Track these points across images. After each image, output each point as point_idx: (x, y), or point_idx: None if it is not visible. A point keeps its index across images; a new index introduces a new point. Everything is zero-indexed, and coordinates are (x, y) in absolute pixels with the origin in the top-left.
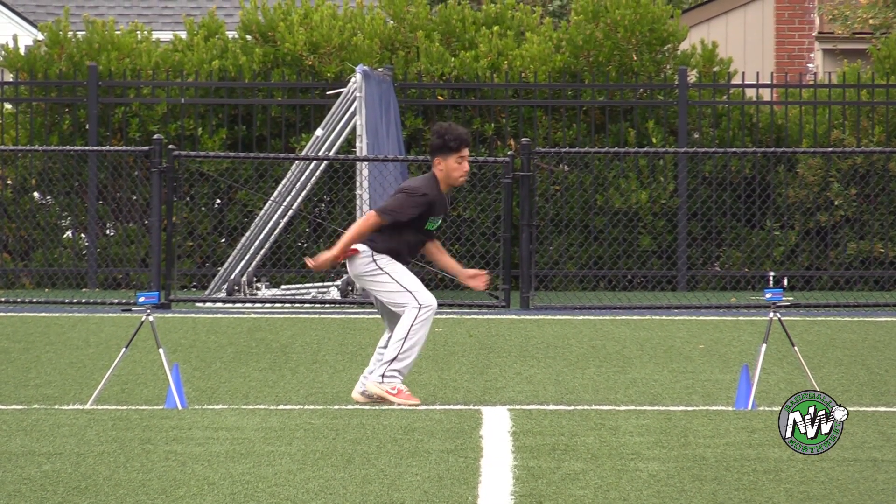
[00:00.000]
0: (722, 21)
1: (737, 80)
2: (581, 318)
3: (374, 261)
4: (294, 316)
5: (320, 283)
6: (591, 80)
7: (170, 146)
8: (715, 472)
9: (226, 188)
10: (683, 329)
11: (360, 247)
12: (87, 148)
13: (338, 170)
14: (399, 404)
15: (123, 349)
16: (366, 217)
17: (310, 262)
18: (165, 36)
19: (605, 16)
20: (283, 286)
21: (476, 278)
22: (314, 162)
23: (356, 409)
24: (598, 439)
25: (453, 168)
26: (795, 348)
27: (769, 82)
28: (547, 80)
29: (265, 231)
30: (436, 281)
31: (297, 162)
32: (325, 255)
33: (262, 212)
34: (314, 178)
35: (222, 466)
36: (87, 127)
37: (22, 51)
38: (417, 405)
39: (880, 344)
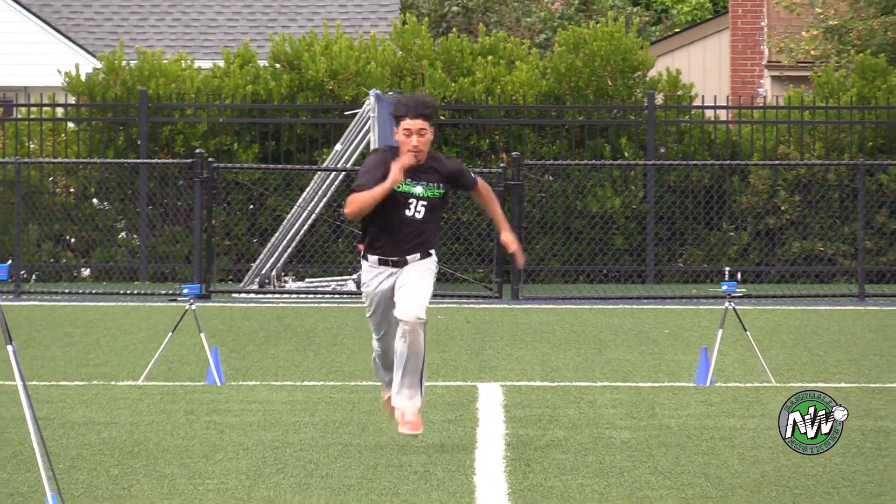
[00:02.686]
0: (685, 52)
1: (697, 103)
2: (563, 307)
3: (365, 266)
4: (316, 305)
5: (339, 277)
6: (572, 102)
7: (209, 159)
8: (678, 439)
9: (258, 195)
10: (651, 316)
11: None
12: (138, 161)
13: (354, 180)
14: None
15: (170, 333)
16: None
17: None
18: (206, 64)
19: (584, 47)
20: (306, 279)
21: (515, 248)
22: (334, 172)
23: (370, 385)
24: (577, 411)
25: (400, 140)
26: (747, 333)
27: (725, 104)
28: (534, 102)
29: (291, 232)
30: (437, 274)
31: (319, 172)
32: None
33: (289, 215)
34: (334, 186)
35: (255, 434)
36: (138, 143)
37: (83, 77)
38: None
39: (820, 329)
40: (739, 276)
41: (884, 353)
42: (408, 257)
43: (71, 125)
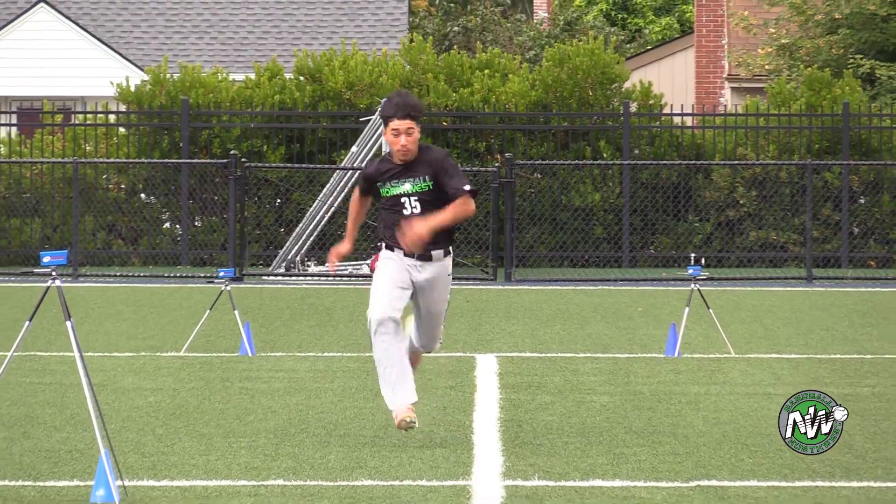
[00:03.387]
0: (655, 66)
1: (667, 111)
2: (550, 288)
3: (388, 254)
4: (335, 286)
5: (355, 262)
6: (558, 109)
7: (242, 159)
8: (650, 403)
9: (284, 191)
10: (626, 296)
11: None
12: (180, 161)
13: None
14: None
15: (208, 311)
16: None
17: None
18: (239, 77)
19: (568, 62)
20: (326, 264)
21: (415, 229)
22: (350, 171)
23: None
24: (562, 378)
25: (389, 140)
26: (710, 311)
27: (691, 112)
28: (525, 109)
29: (314, 223)
30: None
31: (337, 171)
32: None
33: (311, 208)
34: (350, 183)
35: (282, 399)
36: (180, 145)
37: (132, 88)
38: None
39: (774, 307)
40: (703, 261)
41: (829, 328)
42: (432, 252)
43: (122, 130)
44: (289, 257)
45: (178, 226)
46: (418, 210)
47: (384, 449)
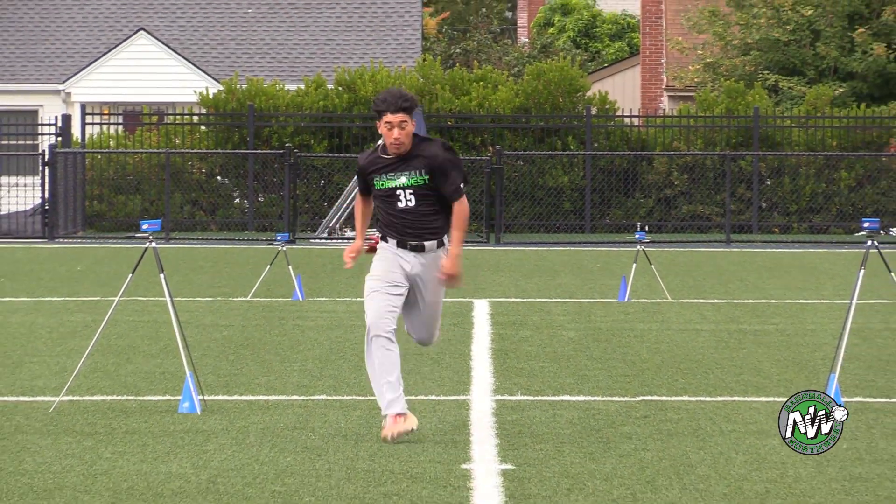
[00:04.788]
0: (610, 79)
1: (619, 113)
2: (530, 249)
3: (384, 246)
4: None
5: (370, 229)
6: (536, 112)
7: (294, 150)
8: (606, 336)
9: (326, 174)
10: (588, 256)
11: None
12: (247, 151)
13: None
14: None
15: (268, 266)
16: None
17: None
18: (292, 87)
19: (543, 76)
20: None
21: (446, 271)
22: None
23: None
24: (539, 318)
25: (383, 133)
26: (652, 266)
27: (637, 114)
28: (510, 112)
29: (349, 198)
30: None
31: None
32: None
33: (348, 187)
34: None
35: (325, 333)
36: (247, 139)
37: (210, 95)
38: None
39: (700, 263)
40: (647, 228)
41: (743, 279)
42: (425, 243)
43: (202, 128)
44: (330, 225)
45: (245, 201)
46: (413, 203)
47: (403, 371)
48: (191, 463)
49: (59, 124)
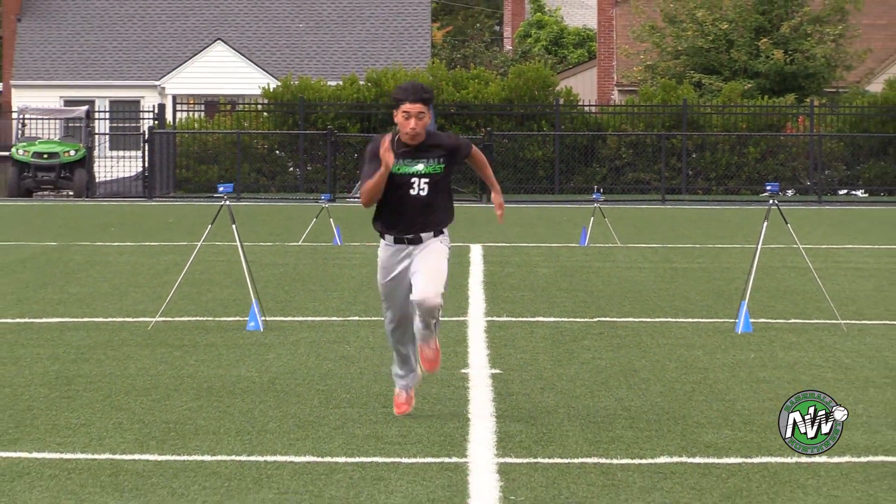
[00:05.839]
0: (573, 77)
1: (580, 104)
2: (513, 206)
3: (382, 245)
4: None
5: None
6: (518, 103)
7: (335, 131)
8: (570, 272)
9: (359, 150)
10: (558, 212)
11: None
12: (298, 132)
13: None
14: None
15: (314, 219)
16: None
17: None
18: (333, 83)
19: (523, 75)
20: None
21: (499, 208)
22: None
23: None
24: (520, 258)
25: (399, 122)
26: (606, 219)
27: (594, 104)
28: (498, 102)
29: None
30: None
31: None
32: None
33: None
34: None
35: (357, 269)
36: (299, 123)
37: (270, 89)
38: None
39: (643, 217)
40: (602, 190)
41: (675, 230)
42: (422, 234)
43: (265, 114)
44: (360, 188)
45: (297, 169)
46: (425, 192)
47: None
48: (255, 368)
49: (156, 111)
